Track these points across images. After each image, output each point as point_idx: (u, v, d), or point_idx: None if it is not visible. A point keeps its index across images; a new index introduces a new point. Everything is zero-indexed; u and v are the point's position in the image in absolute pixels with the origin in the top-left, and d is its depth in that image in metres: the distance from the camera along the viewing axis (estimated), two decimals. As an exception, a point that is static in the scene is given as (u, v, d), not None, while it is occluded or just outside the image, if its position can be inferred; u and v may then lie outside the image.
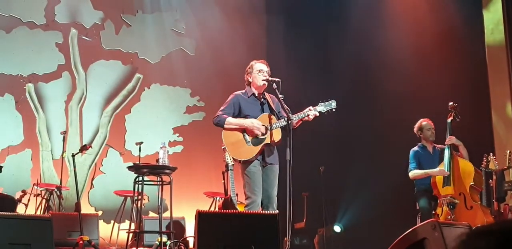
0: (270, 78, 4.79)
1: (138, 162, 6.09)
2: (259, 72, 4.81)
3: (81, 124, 8.12)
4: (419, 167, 5.74)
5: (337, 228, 7.82)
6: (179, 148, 8.58)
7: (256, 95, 4.87)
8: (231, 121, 4.70)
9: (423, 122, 5.90)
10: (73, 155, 5.49)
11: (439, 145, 5.80)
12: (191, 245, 5.63)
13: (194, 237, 4.12)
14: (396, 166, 6.30)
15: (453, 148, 5.59)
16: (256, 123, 4.64)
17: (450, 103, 5.68)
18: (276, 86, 4.71)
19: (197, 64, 8.99)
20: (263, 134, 4.66)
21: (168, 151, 5.23)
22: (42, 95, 7.94)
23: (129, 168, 5.13)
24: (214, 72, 8.90)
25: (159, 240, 4.98)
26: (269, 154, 4.73)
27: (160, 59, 8.83)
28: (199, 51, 9.08)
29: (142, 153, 7.03)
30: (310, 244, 7.74)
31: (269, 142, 4.67)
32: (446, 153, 5.49)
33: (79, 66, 8.27)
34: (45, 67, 8.02)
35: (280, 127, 4.69)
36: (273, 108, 4.84)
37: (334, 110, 4.80)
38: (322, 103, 4.80)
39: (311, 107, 4.76)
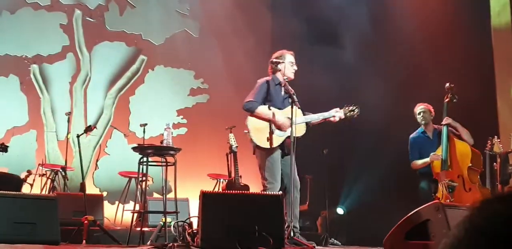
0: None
1: (142, 143, 6.10)
2: (292, 64, 4.87)
3: (85, 105, 8.13)
4: (419, 153, 5.70)
5: (340, 211, 7.84)
6: (183, 130, 8.59)
7: (283, 84, 4.92)
8: (263, 111, 4.80)
9: (417, 106, 5.84)
10: (78, 136, 5.48)
11: (439, 126, 5.72)
12: (195, 225, 5.67)
13: (198, 217, 4.14)
14: (399, 149, 6.30)
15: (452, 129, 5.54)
16: (287, 123, 4.71)
17: (447, 84, 5.60)
18: None
19: (201, 46, 8.95)
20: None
21: (172, 132, 5.23)
22: (46, 76, 7.93)
23: (134, 148, 5.13)
24: (218, 54, 8.86)
25: (163, 220, 5.01)
26: (288, 144, 4.79)
27: (164, 40, 8.80)
28: (203, 32, 9.03)
29: (146, 134, 7.03)
30: (313, 226, 7.77)
31: (294, 136, 4.70)
32: (444, 136, 5.46)
33: (83, 47, 8.25)
34: (50, 48, 8.01)
35: (306, 122, 4.81)
36: (295, 100, 4.85)
37: (356, 116, 4.88)
38: (347, 107, 4.86)
39: (337, 109, 4.80)
